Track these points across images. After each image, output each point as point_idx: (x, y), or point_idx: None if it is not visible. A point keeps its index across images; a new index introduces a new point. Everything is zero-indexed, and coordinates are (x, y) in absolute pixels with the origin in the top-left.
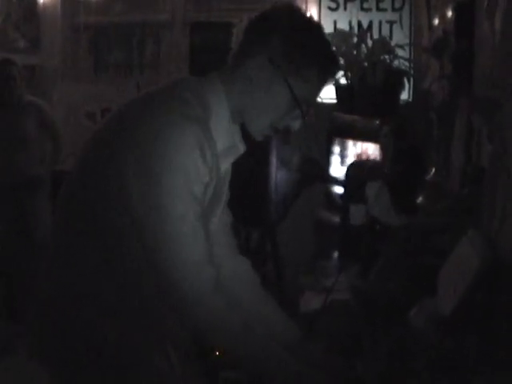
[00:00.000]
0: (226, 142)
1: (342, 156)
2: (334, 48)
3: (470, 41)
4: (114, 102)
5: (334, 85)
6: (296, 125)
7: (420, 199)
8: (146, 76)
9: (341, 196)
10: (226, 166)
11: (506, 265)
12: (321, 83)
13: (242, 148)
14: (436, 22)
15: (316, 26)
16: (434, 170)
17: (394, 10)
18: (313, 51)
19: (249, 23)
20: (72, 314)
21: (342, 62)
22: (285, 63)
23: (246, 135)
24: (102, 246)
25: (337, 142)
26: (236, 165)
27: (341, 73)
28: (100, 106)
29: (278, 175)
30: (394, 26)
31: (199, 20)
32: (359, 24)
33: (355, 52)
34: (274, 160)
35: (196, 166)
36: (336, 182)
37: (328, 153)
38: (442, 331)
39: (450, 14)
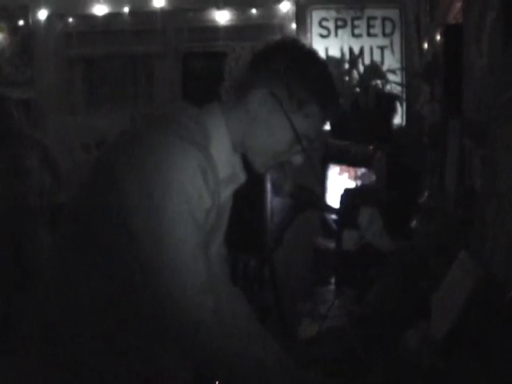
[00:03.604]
0: (227, 170)
1: None
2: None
3: (459, 64)
4: (109, 133)
5: None
6: (297, 159)
7: (414, 223)
8: (139, 107)
9: (336, 222)
10: (226, 194)
11: (498, 285)
12: (322, 119)
13: (242, 177)
14: (426, 46)
15: (320, 62)
16: (427, 193)
17: (384, 35)
18: (315, 87)
19: (253, 56)
20: (68, 341)
21: None
22: (286, 98)
23: (246, 164)
24: (102, 272)
25: None
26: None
27: None
28: (95, 137)
29: (273, 202)
30: (386, 51)
31: (191, 50)
32: (350, 50)
33: (347, 78)
34: (269, 187)
35: (198, 192)
36: (329, 208)
37: (323, 179)
38: (435, 353)
39: (438, 37)
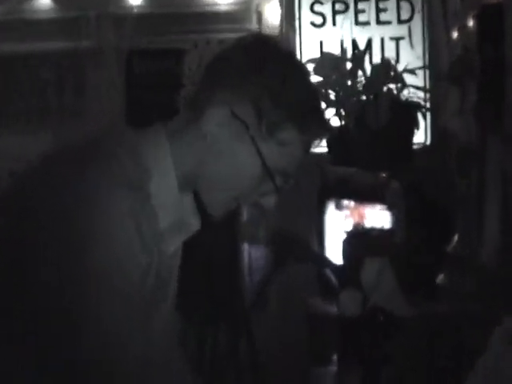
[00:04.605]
0: (173, 215)
1: None
2: (322, 93)
3: (500, 59)
4: (24, 160)
5: None
6: (268, 202)
7: (440, 278)
8: (66, 125)
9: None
10: (173, 246)
11: None
12: (302, 147)
13: (195, 224)
14: (455, 35)
15: (299, 69)
16: (457, 237)
17: (400, 22)
18: (291, 105)
19: (211, 60)
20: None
21: (332, 97)
22: (254, 119)
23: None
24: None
25: None
26: (195, 239)
27: (331, 111)
28: (5, 165)
29: (252, 254)
30: (402, 44)
31: (138, 47)
32: (354, 43)
33: (349, 82)
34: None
35: (127, 242)
36: (322, 261)
37: (319, 220)
38: None
39: (472, 24)
